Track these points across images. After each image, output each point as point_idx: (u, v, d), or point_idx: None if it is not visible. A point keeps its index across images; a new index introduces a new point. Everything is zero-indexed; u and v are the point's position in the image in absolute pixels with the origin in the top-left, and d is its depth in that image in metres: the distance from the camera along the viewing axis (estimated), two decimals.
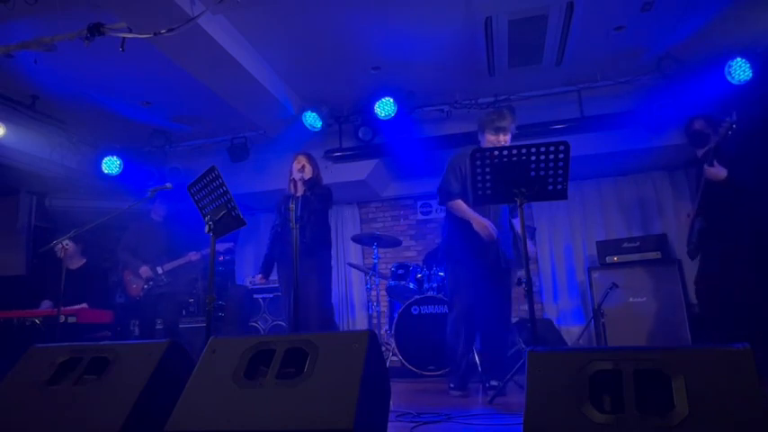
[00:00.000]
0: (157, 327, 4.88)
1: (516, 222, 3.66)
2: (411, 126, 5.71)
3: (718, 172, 3.58)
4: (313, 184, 4.04)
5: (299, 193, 3.95)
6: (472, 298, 3.50)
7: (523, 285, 2.71)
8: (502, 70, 4.99)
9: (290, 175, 4.06)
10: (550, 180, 2.70)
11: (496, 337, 3.57)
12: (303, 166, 4.00)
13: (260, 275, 4.24)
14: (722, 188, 3.62)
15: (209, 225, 2.83)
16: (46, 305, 4.55)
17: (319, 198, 4.01)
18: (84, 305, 4.37)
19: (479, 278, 3.50)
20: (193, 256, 4.80)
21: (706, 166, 3.62)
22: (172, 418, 1.61)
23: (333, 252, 4.34)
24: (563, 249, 6.42)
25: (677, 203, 6.17)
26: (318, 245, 4.00)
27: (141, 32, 3.60)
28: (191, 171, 6.05)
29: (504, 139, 3.52)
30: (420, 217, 7.10)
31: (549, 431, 1.39)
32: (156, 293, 4.73)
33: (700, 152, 4.00)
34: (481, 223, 3.39)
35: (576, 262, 6.37)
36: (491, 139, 3.53)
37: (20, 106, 5.16)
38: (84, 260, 4.82)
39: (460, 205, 3.54)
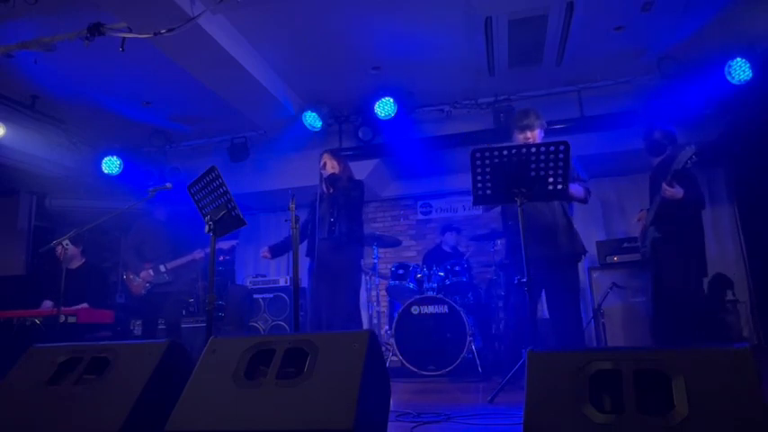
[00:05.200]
0: (160, 326, 4.86)
1: (576, 188, 3.31)
2: (411, 126, 5.71)
3: (676, 192, 3.67)
4: (336, 179, 3.91)
5: (329, 191, 3.91)
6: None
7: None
8: (502, 70, 5.00)
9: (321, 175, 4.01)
10: (550, 180, 2.71)
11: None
12: (325, 164, 3.92)
13: (267, 249, 4.11)
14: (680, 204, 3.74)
15: (210, 225, 2.83)
16: (47, 305, 4.54)
17: (343, 193, 3.89)
18: (85, 305, 4.36)
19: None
20: (198, 254, 4.78)
21: (664, 185, 3.69)
22: (172, 418, 1.61)
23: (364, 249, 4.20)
24: None
25: None
26: (347, 241, 3.87)
27: (141, 32, 3.60)
28: (191, 171, 6.04)
29: (532, 136, 3.48)
30: (420, 217, 7.10)
31: (548, 431, 1.39)
32: (158, 292, 4.71)
33: (655, 161, 4.07)
34: None
35: None
36: (519, 137, 3.52)
37: (20, 106, 5.16)
38: (84, 260, 4.82)
39: None
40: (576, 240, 3.45)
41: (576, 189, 3.29)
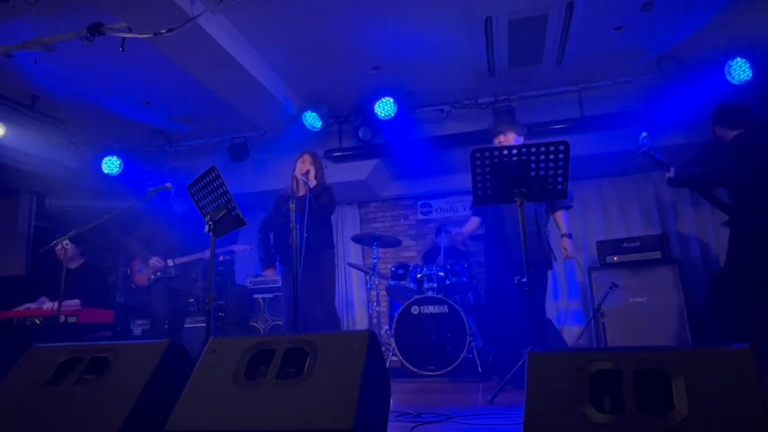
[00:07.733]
0: (164, 326, 4.84)
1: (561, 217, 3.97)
2: (411, 126, 5.70)
3: (667, 173, 3.96)
4: (321, 191, 4.00)
5: (301, 194, 3.94)
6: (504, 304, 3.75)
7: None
8: (502, 70, 4.99)
9: (293, 171, 4.03)
10: (550, 180, 2.71)
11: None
12: (308, 171, 3.93)
13: (270, 270, 4.16)
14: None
15: (210, 225, 2.83)
16: (43, 302, 4.53)
17: (326, 200, 4.00)
18: (77, 301, 4.35)
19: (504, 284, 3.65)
20: (208, 253, 4.76)
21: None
22: (172, 418, 1.61)
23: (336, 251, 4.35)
24: None
25: (677, 203, 6.17)
26: (322, 246, 3.99)
27: (141, 32, 3.60)
28: (191, 171, 6.05)
29: (506, 139, 3.82)
30: (420, 217, 7.10)
31: (549, 431, 1.39)
32: (161, 287, 4.68)
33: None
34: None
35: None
36: (497, 143, 3.85)
37: (20, 106, 5.16)
38: (83, 260, 4.81)
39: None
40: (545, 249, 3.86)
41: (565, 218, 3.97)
